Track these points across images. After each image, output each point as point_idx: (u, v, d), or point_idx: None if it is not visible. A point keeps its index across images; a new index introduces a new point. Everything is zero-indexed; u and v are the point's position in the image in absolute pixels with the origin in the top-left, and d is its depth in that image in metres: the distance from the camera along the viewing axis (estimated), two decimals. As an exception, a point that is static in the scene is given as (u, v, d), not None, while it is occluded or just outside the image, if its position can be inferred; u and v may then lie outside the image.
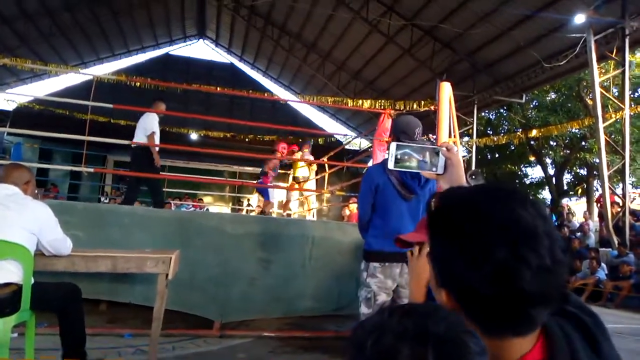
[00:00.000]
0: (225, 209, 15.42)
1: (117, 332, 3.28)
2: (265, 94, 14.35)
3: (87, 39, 14.67)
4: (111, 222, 3.51)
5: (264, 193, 7.05)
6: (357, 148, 18.29)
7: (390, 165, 1.12)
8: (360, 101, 12.25)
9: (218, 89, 12.55)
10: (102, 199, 12.92)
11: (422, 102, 12.04)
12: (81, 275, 2.79)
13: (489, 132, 18.38)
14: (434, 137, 4.38)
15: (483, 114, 15.71)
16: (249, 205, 13.57)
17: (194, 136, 15.23)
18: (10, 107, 14.56)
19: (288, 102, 18.02)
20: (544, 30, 9.51)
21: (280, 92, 18.49)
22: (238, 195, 15.65)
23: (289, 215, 7.72)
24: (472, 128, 12.71)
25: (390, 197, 2.47)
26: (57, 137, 6.38)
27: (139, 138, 5.13)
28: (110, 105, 4.39)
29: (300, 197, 8.46)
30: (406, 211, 2.45)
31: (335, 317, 3.96)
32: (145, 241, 3.41)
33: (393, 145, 1.12)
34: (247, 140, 15.00)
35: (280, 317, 3.80)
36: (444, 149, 1.12)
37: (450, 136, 4.04)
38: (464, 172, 1.12)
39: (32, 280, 2.13)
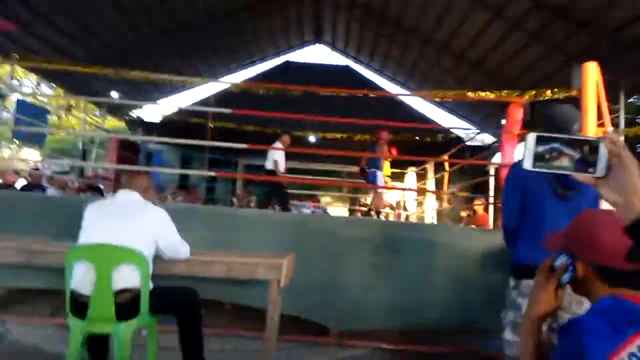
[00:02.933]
0: (343, 209, 15.53)
1: (237, 334, 3.35)
2: (378, 92, 14.13)
3: (216, 54, 15.98)
4: (232, 224, 3.62)
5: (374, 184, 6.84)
6: (480, 144, 17.06)
7: (528, 164, 0.82)
8: (484, 93, 11.32)
9: (335, 90, 12.67)
10: (234, 199, 13.92)
11: (556, 90, 10.72)
12: (202, 278, 2.88)
13: (638, 120, 15.77)
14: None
15: (631, 100, 13.46)
16: (363, 205, 13.47)
17: (312, 138, 15.62)
18: (157, 119, 16.52)
19: (403, 100, 17.48)
20: None
21: (397, 90, 18.08)
22: (355, 195, 15.65)
23: (381, 214, 7.41)
24: (619, 117, 10.90)
25: (543, 196, 2.00)
26: (196, 147, 7.22)
27: (269, 164, 6.95)
28: (230, 110, 4.58)
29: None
30: (565, 213, 1.88)
31: (459, 333, 3.59)
32: (263, 244, 3.44)
33: (532, 137, 0.82)
34: (363, 140, 14.92)
35: (398, 328, 3.56)
36: (607, 141, 0.79)
37: (601, 126, 3.41)
38: (638, 177, 0.77)
39: (151, 285, 2.21)
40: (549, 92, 10.32)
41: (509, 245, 2.15)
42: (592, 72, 3.41)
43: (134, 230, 2.18)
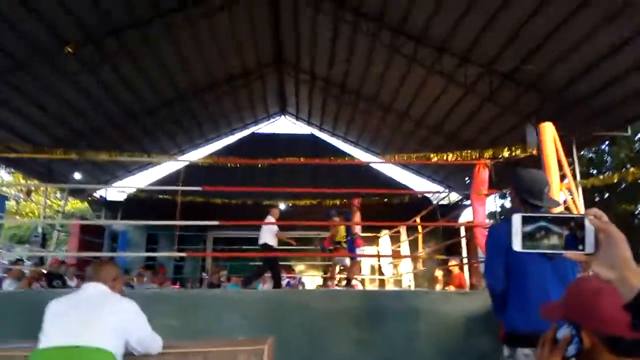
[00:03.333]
0: (317, 277, 15.23)
1: None
2: (346, 158, 14.46)
3: (183, 129, 16.14)
4: (204, 307, 3.44)
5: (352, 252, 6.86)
6: (447, 202, 17.48)
7: (517, 246, 0.83)
8: (445, 155, 11.77)
9: (302, 159, 12.90)
10: (204, 274, 13.42)
11: (513, 148, 11.29)
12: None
13: (590, 172, 16.71)
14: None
15: (582, 153, 14.33)
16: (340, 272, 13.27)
17: (281, 206, 15.59)
18: (121, 197, 16.17)
19: (370, 164, 17.94)
20: (640, 59, 8.59)
21: (362, 156, 18.58)
22: (328, 263, 15.44)
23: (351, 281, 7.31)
24: (575, 169, 11.52)
25: (528, 257, 1.96)
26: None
27: (264, 238, 6.93)
28: (200, 188, 4.54)
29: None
30: (552, 273, 1.96)
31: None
32: (237, 325, 3.28)
33: (517, 218, 0.83)
34: (333, 205, 15.01)
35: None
36: (592, 217, 0.81)
37: (562, 182, 3.56)
38: (628, 249, 0.78)
39: (122, 386, 2.03)
40: (506, 150, 10.87)
41: (498, 311, 2.10)
42: (549, 131, 3.62)
43: (101, 326, 2.01)
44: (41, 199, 14.90)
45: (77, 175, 13.78)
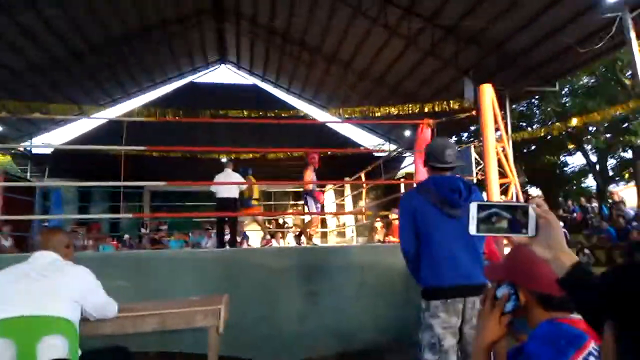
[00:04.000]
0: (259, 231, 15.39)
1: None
2: (291, 111, 14.33)
3: (115, 77, 15.09)
4: (154, 268, 3.43)
5: (309, 207, 6.71)
6: (388, 154, 17.99)
7: (472, 230, 0.95)
8: (389, 109, 12.00)
9: (245, 112, 12.61)
10: (143, 230, 13.11)
11: (452, 102, 11.73)
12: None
13: (521, 125, 17.80)
14: (480, 143, 4.14)
15: (514, 107, 15.19)
16: (284, 224, 13.49)
17: (223, 160, 15.31)
18: (48, 151, 15.10)
19: (313, 117, 17.88)
20: (573, 13, 9.07)
21: (305, 107, 18.44)
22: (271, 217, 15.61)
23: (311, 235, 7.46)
24: (507, 123, 12.24)
25: (432, 218, 2.23)
26: (96, 177, 6.70)
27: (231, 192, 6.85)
28: (144, 147, 4.36)
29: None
30: (454, 231, 2.20)
31: (398, 347, 3.73)
32: (191, 285, 3.31)
33: (473, 206, 0.94)
34: (276, 158, 14.98)
35: (335, 353, 3.61)
36: (534, 205, 0.93)
37: (498, 142, 3.79)
38: (562, 234, 0.92)
39: (80, 352, 2.02)
40: (444, 104, 11.27)
41: (414, 271, 2.32)
42: (488, 92, 3.79)
43: (56, 295, 1.97)
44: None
45: (-2, 127, 12.64)
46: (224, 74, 18.98)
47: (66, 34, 11.49)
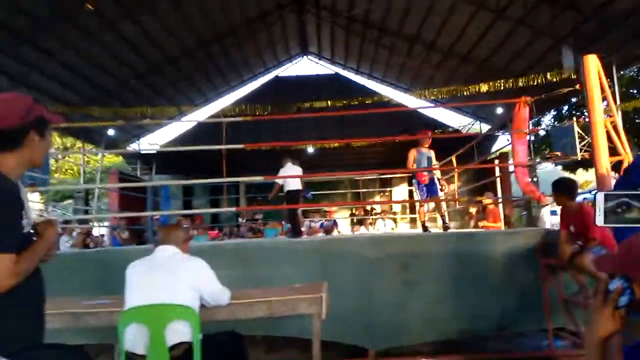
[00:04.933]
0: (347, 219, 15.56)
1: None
2: (375, 98, 14.18)
3: (207, 78, 16.08)
4: (256, 257, 3.65)
5: (431, 192, 5.79)
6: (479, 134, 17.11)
7: (600, 221, 0.89)
8: (478, 87, 11.39)
9: (328, 103, 12.77)
10: (240, 219, 13.94)
11: (549, 74, 10.80)
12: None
13: (632, 92, 15.89)
14: (586, 118, 3.80)
15: (622, 73, 13.58)
16: (372, 211, 13.49)
17: (310, 149, 15.69)
18: (154, 150, 16.59)
19: (396, 101, 17.53)
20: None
21: (388, 91, 18.15)
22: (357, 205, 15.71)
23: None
24: (615, 92, 10.99)
25: None
26: (197, 172, 7.27)
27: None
28: (242, 146, 4.63)
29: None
30: None
31: (498, 338, 3.62)
32: (291, 274, 3.47)
33: (600, 196, 0.89)
34: (360, 146, 14.99)
35: (434, 341, 3.58)
36: None
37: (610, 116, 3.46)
38: None
39: (200, 336, 2.25)
40: (540, 78, 10.43)
41: None
42: (592, 63, 3.45)
43: (178, 285, 2.23)
44: (78, 157, 15.44)
45: (111, 132, 14.13)
46: (306, 66, 19.31)
47: (162, 41, 12.46)
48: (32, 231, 1.58)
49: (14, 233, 1.45)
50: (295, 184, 7.12)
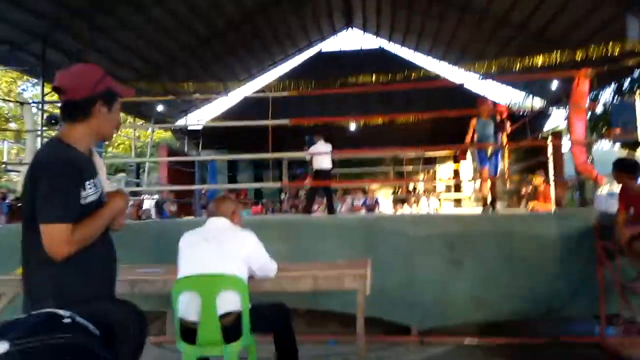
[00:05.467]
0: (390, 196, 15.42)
1: (322, 340, 3.45)
2: (421, 72, 13.78)
3: (251, 52, 16.18)
4: (304, 232, 3.71)
5: (483, 162, 5.23)
6: (529, 110, 16.34)
7: None
8: (532, 59, 10.80)
9: (373, 77, 12.54)
10: (282, 195, 14.15)
11: (611, 45, 10.06)
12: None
13: None
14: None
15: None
16: (415, 190, 13.31)
17: (352, 126, 15.57)
18: (200, 126, 17.00)
19: (441, 75, 16.94)
20: None
21: (435, 66, 17.60)
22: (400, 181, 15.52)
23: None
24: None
25: None
26: (241, 147, 7.39)
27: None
28: (287, 121, 4.65)
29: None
30: None
31: (547, 321, 3.52)
32: (336, 249, 3.51)
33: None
34: (405, 122, 14.68)
35: (478, 322, 3.53)
36: None
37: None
38: None
39: (249, 305, 2.32)
40: (602, 49, 9.74)
41: None
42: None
43: (229, 256, 2.30)
44: (130, 131, 16.07)
45: (160, 107, 14.57)
46: (350, 38, 18.99)
47: (208, 14, 12.57)
48: (101, 200, 1.64)
49: (69, 203, 1.50)
50: (326, 163, 6.91)
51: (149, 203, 9.95)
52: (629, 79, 16.01)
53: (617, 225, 3.21)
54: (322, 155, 6.75)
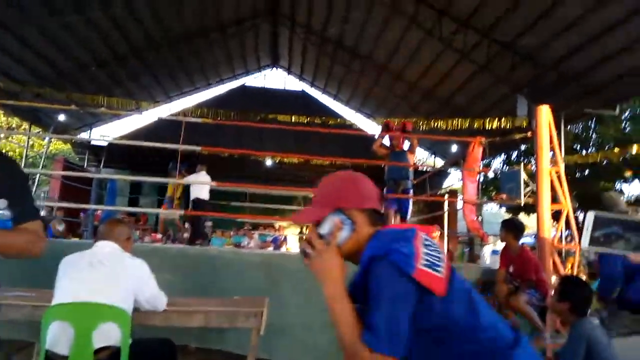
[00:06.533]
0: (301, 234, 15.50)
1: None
2: (338, 120, 14.37)
3: (172, 75, 15.71)
4: (201, 265, 3.54)
5: (404, 207, 4.90)
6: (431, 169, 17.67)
7: (585, 244, 0.91)
8: (437, 123, 11.81)
9: (292, 118, 12.80)
10: (187, 225, 13.51)
11: (504, 119, 11.39)
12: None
13: (575, 147, 17.02)
14: (533, 166, 4.01)
15: (569, 127, 14.56)
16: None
17: (268, 162, 15.61)
18: (104, 143, 15.90)
19: (357, 125, 17.84)
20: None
21: (351, 115, 18.48)
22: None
23: None
24: (561, 145, 11.71)
25: None
26: (148, 169, 7.14)
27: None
28: (198, 148, 4.53)
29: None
30: None
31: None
32: (233, 285, 3.39)
33: (590, 216, 0.89)
34: (320, 164, 15.06)
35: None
36: None
37: (554, 164, 3.67)
38: None
39: (130, 341, 2.13)
40: (496, 121, 10.97)
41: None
42: (545, 114, 3.67)
43: (114, 284, 2.10)
44: (23, 139, 14.53)
45: (62, 117, 13.44)
46: (274, 77, 19.35)
47: (130, 31, 12.09)
48: None
49: None
50: (204, 194, 7.22)
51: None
52: (516, 152, 18.14)
53: (497, 281, 3.52)
54: (202, 185, 7.05)
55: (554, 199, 3.95)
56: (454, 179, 16.40)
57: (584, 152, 16.27)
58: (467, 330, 1.05)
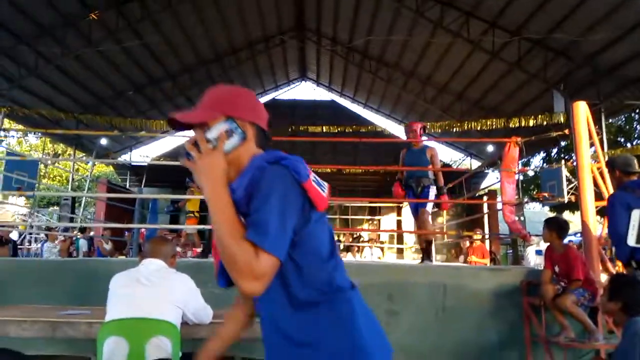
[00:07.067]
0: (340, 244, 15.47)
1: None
2: (368, 127, 14.37)
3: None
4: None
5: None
6: (468, 169, 17.33)
7: (632, 240, 0.91)
8: (470, 124, 11.62)
9: (323, 128, 12.91)
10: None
11: (540, 116, 11.09)
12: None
13: (619, 140, 16.31)
14: (574, 162, 3.90)
15: (611, 121, 13.98)
16: (359, 238, 13.46)
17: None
18: (145, 162, 16.52)
19: (388, 131, 17.75)
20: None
21: (382, 122, 18.43)
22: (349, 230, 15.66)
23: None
24: (602, 139, 11.26)
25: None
26: (187, 187, 7.29)
27: None
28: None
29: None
30: None
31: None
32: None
33: (636, 214, 0.90)
34: (350, 172, 15.07)
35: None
36: None
37: (594, 161, 3.56)
38: None
39: (180, 354, 2.21)
40: (532, 119, 10.69)
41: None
42: (582, 110, 3.57)
43: (162, 300, 2.19)
44: (68, 164, 15.30)
45: (104, 141, 14.07)
46: (304, 90, 19.57)
47: (163, 56, 12.59)
48: None
49: None
50: None
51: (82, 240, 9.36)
52: (556, 149, 17.57)
53: (542, 283, 3.42)
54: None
55: (598, 196, 3.82)
56: (492, 179, 16.05)
57: (628, 144, 15.55)
58: (322, 259, 1.07)
